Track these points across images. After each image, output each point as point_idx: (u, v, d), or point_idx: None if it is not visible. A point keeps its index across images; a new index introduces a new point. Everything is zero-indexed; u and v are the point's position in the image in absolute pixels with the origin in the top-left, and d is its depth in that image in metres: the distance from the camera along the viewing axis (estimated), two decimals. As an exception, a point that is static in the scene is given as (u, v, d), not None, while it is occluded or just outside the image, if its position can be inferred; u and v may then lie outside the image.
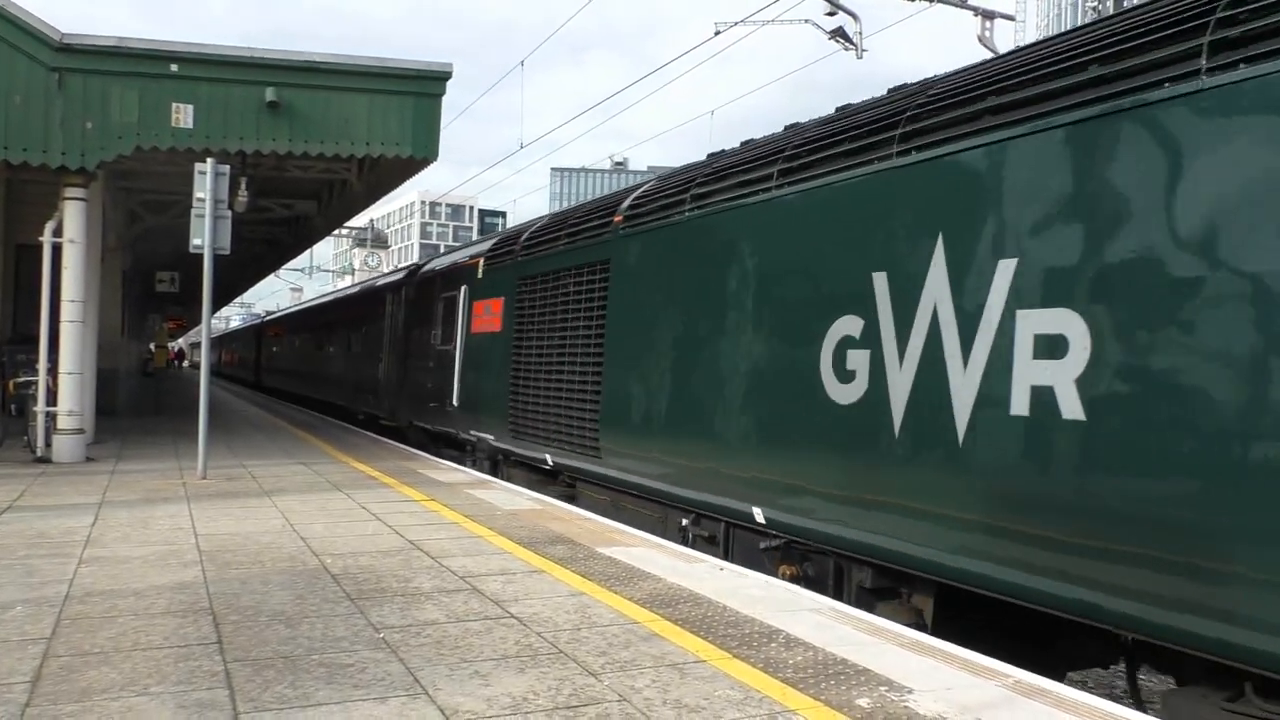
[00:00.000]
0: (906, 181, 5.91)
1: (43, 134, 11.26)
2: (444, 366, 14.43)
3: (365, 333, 21.13)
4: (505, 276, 12.31)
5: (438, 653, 4.54)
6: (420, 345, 15.94)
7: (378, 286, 20.65)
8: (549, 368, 10.72)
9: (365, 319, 21.28)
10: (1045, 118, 5.05)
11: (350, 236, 55.89)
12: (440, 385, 14.57)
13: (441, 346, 14.63)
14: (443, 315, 14.67)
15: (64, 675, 4.11)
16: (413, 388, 16.30)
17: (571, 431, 10.09)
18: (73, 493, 9.36)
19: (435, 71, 12.57)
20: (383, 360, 18.84)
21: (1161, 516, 4.18)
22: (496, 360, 12.19)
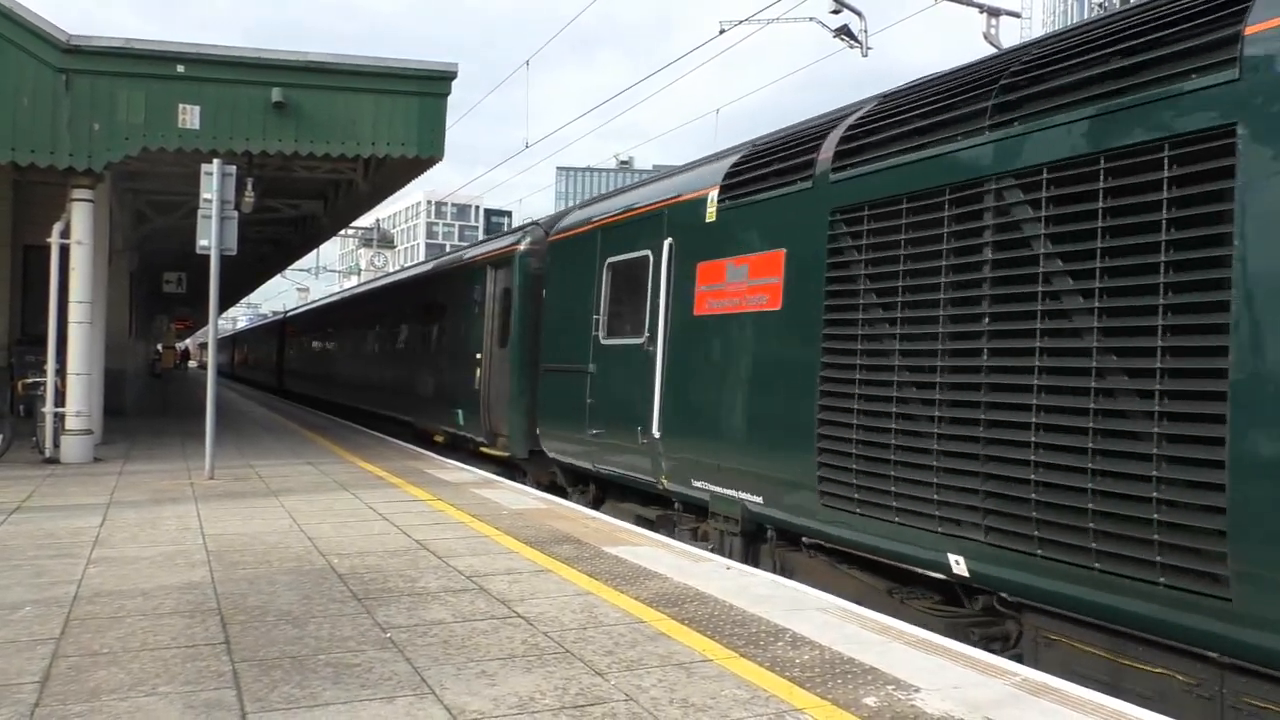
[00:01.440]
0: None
1: (50, 135, 11.30)
2: (621, 372, 9.48)
3: (444, 325, 15.98)
4: (789, 211, 7.25)
5: (444, 652, 4.54)
6: (561, 339, 11.01)
7: (468, 260, 15.22)
8: (963, 376, 5.55)
9: (443, 306, 16.18)
10: None
11: (356, 236, 56.05)
12: (613, 402, 9.64)
13: (614, 340, 9.79)
14: (611, 292, 9.95)
15: (73, 675, 4.12)
16: (552, 405, 11.15)
17: (1063, 518, 4.88)
18: (81, 493, 9.39)
19: (440, 71, 12.58)
20: (481, 363, 13.66)
21: None
22: (767, 361, 7.30)
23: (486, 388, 13.40)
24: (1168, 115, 4.55)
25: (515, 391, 12.34)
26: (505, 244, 13.50)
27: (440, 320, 16.41)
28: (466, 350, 14.48)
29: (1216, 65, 4.38)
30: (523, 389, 12.26)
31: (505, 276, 13.18)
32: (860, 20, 16.50)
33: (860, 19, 16.47)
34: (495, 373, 13.17)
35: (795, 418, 6.95)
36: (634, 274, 9.51)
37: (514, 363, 12.42)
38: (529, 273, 12.53)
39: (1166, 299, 4.47)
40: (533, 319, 12.30)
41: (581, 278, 10.60)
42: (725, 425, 7.82)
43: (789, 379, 7.08)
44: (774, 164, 7.64)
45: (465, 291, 14.97)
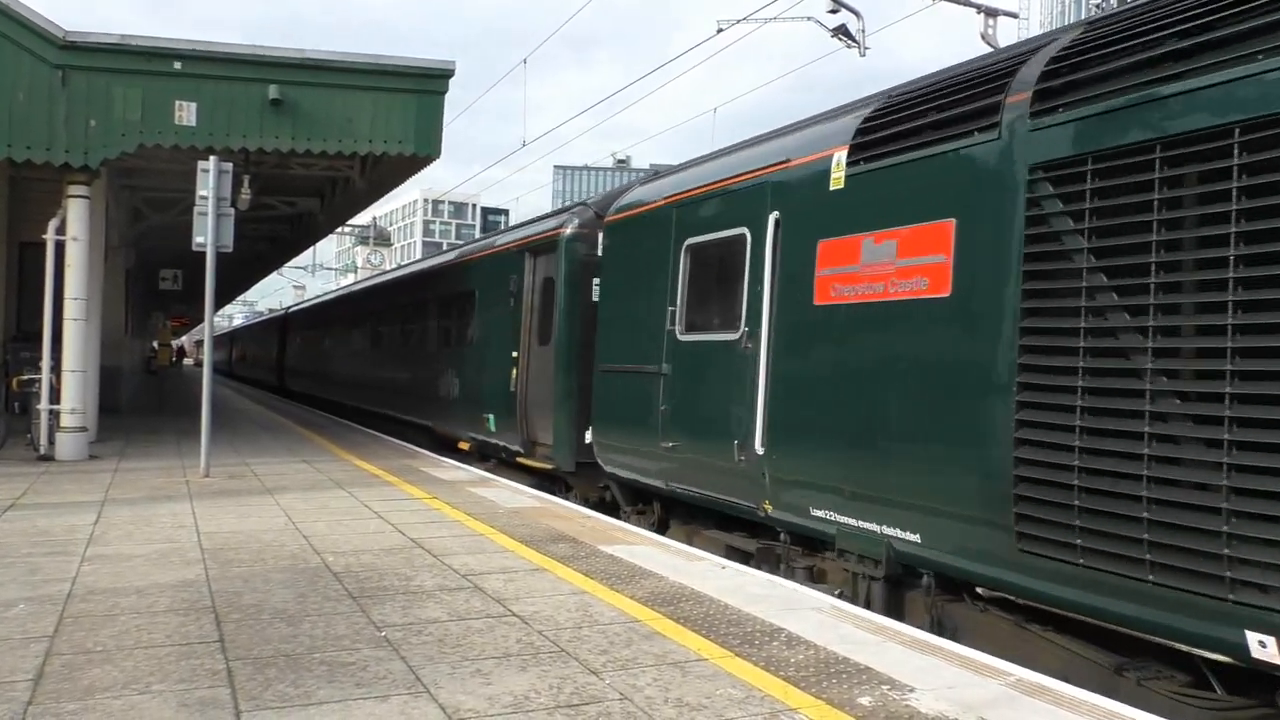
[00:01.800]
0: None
1: (46, 132, 11.27)
2: (707, 374, 8.06)
3: (473, 320, 14.35)
4: (960, 170, 5.76)
5: (439, 651, 4.54)
6: (622, 335, 9.54)
7: (501, 247, 13.58)
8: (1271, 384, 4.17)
9: (470, 299, 14.53)
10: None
11: (353, 234, 55.97)
12: (696, 410, 8.17)
13: (696, 336, 8.29)
14: (691, 279, 8.47)
15: (66, 673, 4.11)
16: (610, 412, 9.72)
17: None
18: (75, 491, 9.37)
19: (438, 69, 12.57)
20: (518, 362, 12.15)
21: None
22: (928, 359, 5.81)
23: (524, 390, 11.89)
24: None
25: (560, 395, 10.91)
26: (547, 228, 11.87)
27: (468, 315, 14.65)
28: (500, 348, 12.95)
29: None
30: (569, 393, 10.84)
31: (547, 265, 11.65)
32: (858, 20, 16.50)
33: (858, 19, 16.47)
34: (535, 374, 11.68)
35: (974, 432, 5.37)
36: (724, 257, 7.99)
37: (559, 363, 10.98)
38: (577, 260, 11.07)
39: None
40: (582, 313, 10.89)
41: (650, 263, 9.03)
42: (862, 441, 6.23)
43: (964, 382, 5.50)
44: (932, 113, 6.11)
45: (498, 282, 13.28)
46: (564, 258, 11.19)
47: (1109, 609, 4.67)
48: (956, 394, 5.57)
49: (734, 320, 7.72)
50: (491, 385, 13.19)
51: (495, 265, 13.68)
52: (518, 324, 12.33)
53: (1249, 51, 4.23)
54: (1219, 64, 4.34)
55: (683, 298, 8.52)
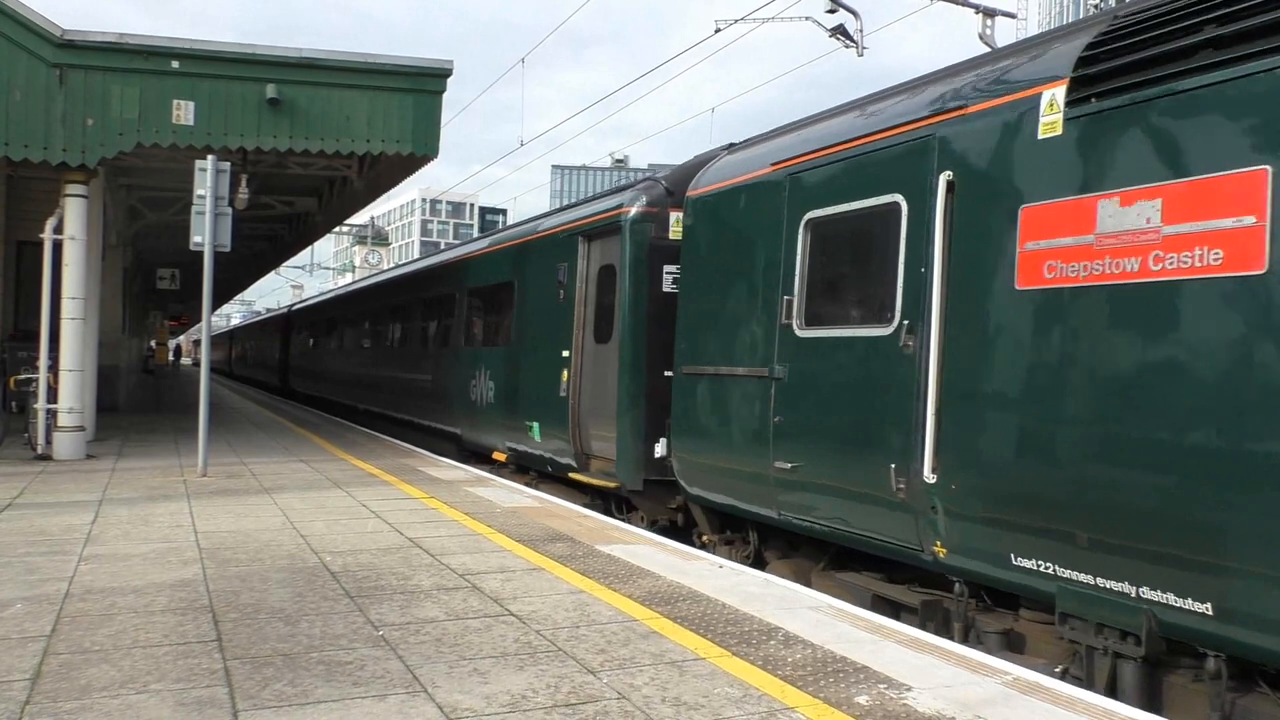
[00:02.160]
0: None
1: (44, 130, 11.26)
2: (842, 378, 6.61)
3: (511, 315, 12.81)
4: (1274, 101, 4.33)
5: (437, 650, 4.54)
6: (713, 331, 8.14)
7: (547, 232, 12.01)
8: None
9: (507, 292, 13.05)
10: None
11: (351, 234, 55.96)
12: (825, 423, 6.71)
13: (823, 331, 6.86)
14: (814, 261, 7.07)
15: (64, 673, 4.11)
16: (697, 423, 8.24)
17: None
18: (73, 490, 9.37)
19: (436, 69, 12.56)
20: (570, 363, 10.76)
21: None
22: (1229, 358, 4.38)
23: (577, 395, 10.52)
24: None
25: (625, 402, 9.50)
26: (606, 208, 10.37)
27: (504, 309, 13.11)
28: (546, 347, 11.47)
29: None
30: (635, 399, 9.46)
31: (606, 250, 10.30)
32: (856, 20, 16.51)
33: (856, 18, 16.48)
34: (591, 376, 10.34)
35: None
36: (864, 232, 6.55)
37: (623, 363, 9.59)
38: (643, 244, 9.67)
39: None
40: (651, 305, 9.58)
41: (751, 244, 7.66)
42: (1109, 469, 4.76)
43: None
44: (1223, 20, 4.61)
45: (543, 271, 11.79)
46: (628, 242, 9.78)
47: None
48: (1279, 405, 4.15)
49: (883, 311, 6.27)
50: (535, 389, 11.64)
51: (540, 252, 12.04)
52: (568, 319, 10.88)
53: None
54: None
55: (802, 285, 7.07)
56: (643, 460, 9.39)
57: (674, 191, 9.72)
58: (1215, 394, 4.36)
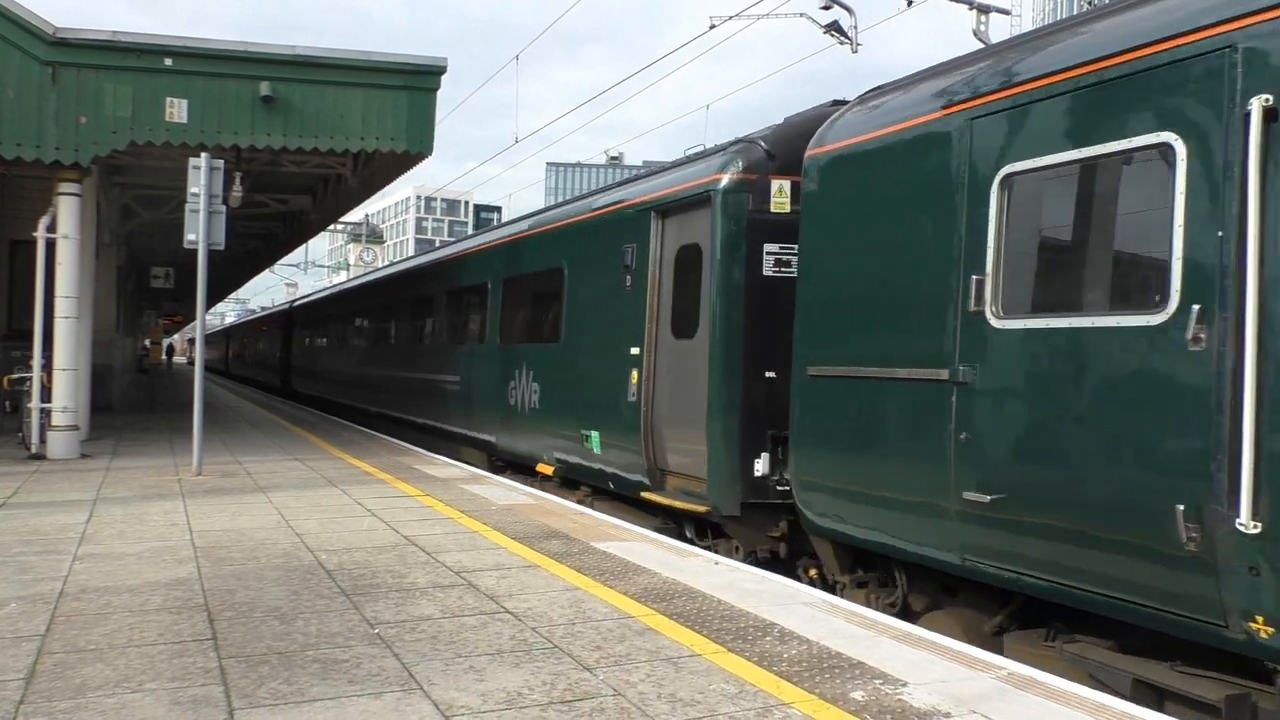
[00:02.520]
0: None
1: (36, 128, 11.22)
2: (1070, 386, 5.06)
3: (559, 307, 11.24)
4: None
5: (433, 648, 4.54)
6: (855, 322, 6.62)
7: (607, 209, 10.39)
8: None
9: (554, 281, 11.43)
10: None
11: (345, 232, 55.88)
12: (1042, 445, 5.16)
13: (1031, 322, 5.31)
14: (1013, 230, 5.59)
15: (58, 672, 4.11)
16: (831, 437, 6.75)
17: None
18: (67, 489, 9.35)
19: (430, 66, 12.54)
20: (641, 362, 9.24)
21: None
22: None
23: (650, 400, 9.04)
24: None
25: (716, 409, 8.01)
26: (688, 177, 8.80)
27: (552, 299, 11.48)
28: (608, 343, 9.92)
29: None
30: (730, 405, 7.97)
31: (689, 227, 8.76)
32: (850, 16, 16.51)
33: (850, 15, 16.48)
34: (669, 378, 8.85)
35: None
36: (1104, 188, 5.14)
37: (715, 363, 8.06)
38: (740, 218, 8.12)
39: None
40: (749, 292, 8.06)
41: (913, 210, 6.07)
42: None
43: None
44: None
45: (601, 256, 10.24)
46: (720, 216, 8.22)
47: None
48: None
49: (1146, 293, 4.78)
50: (594, 393, 10.11)
51: (599, 233, 10.42)
52: (637, 310, 9.36)
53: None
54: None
55: (999, 260, 5.53)
56: (739, 479, 7.91)
57: (775, 154, 8.22)
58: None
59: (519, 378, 12.10)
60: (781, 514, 7.92)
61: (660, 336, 9.14)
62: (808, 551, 7.63)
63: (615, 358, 9.70)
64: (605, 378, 9.88)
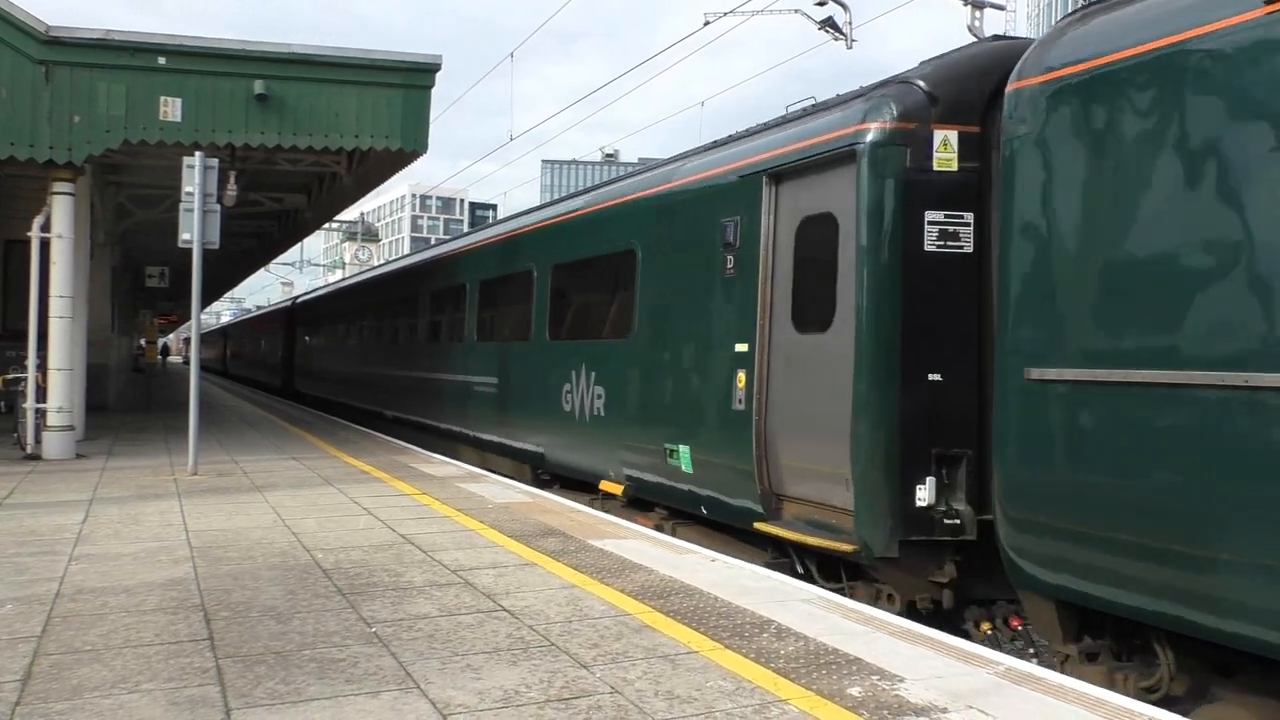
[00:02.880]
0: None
1: (30, 128, 11.19)
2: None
3: (633, 295, 9.53)
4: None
5: (430, 646, 4.54)
6: (1118, 307, 4.96)
7: (698, 176, 8.74)
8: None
9: (631, 263, 9.61)
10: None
11: (340, 230, 55.79)
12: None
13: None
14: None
15: (55, 673, 4.10)
16: (1087, 465, 5.02)
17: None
18: (63, 489, 9.33)
19: (424, 63, 12.52)
20: (752, 361, 7.66)
21: None
22: None
23: (764, 408, 7.40)
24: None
25: (866, 419, 6.43)
26: (815, 131, 7.19)
27: (618, 288, 9.85)
28: (701, 338, 8.30)
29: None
30: (884, 417, 6.38)
31: (821, 193, 7.10)
32: (845, 12, 16.52)
33: (845, 11, 16.49)
34: (790, 381, 7.22)
35: None
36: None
37: (863, 363, 6.47)
38: (895, 179, 6.46)
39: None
40: (908, 273, 6.45)
41: (1224, 148, 4.51)
42: None
43: None
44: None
45: (690, 233, 8.60)
46: (868, 178, 6.57)
47: None
48: None
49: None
50: (683, 398, 8.51)
51: (684, 207, 8.78)
52: (745, 298, 7.72)
53: None
54: None
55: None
56: (896, 511, 6.33)
57: (939, 97, 6.58)
58: None
59: (576, 380, 10.43)
60: (946, 553, 6.43)
61: (776, 330, 7.49)
62: (976, 599, 6.46)
63: (712, 356, 8.12)
64: (698, 380, 8.30)
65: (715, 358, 8.08)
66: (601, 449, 9.90)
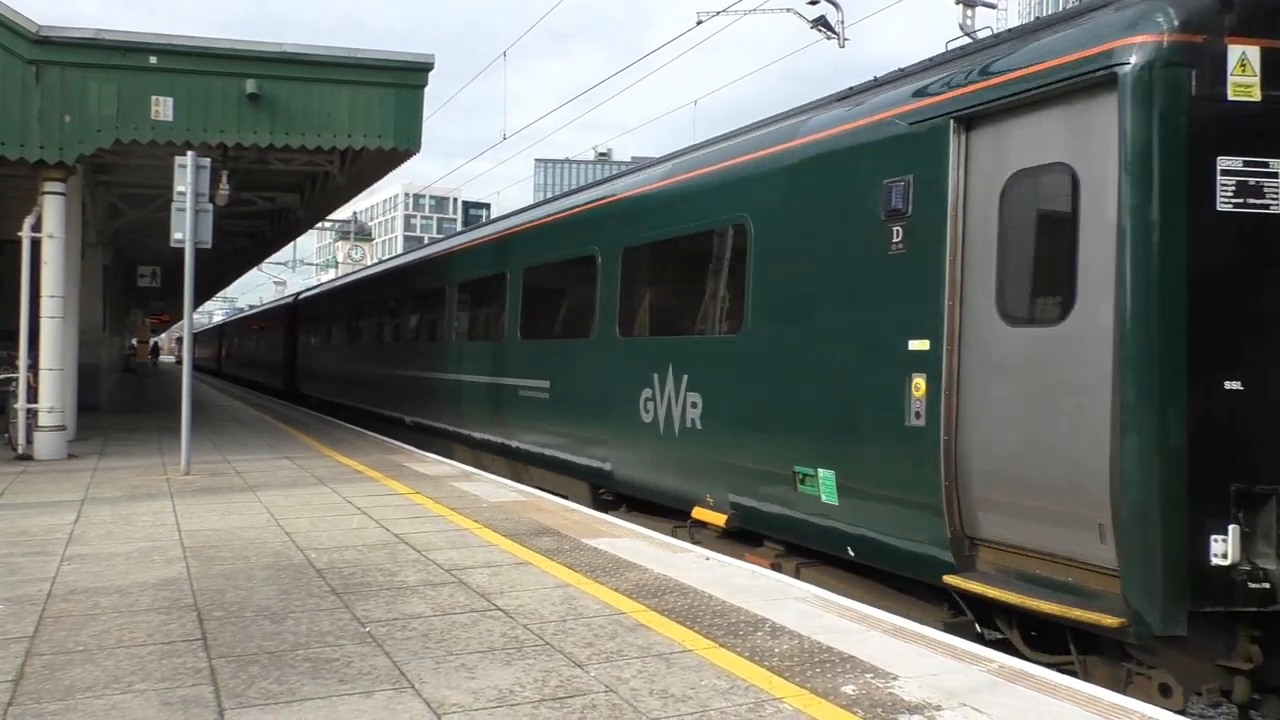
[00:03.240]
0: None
1: (20, 127, 11.14)
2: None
3: (744, 280, 7.74)
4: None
5: (424, 646, 4.53)
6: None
7: (839, 129, 7.00)
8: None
9: (741, 241, 7.88)
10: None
11: (334, 229, 55.67)
12: None
13: None
14: None
15: (47, 674, 4.08)
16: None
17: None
18: (55, 490, 9.30)
19: (417, 62, 12.50)
20: (939, 362, 5.88)
21: None
22: None
23: (953, 423, 5.75)
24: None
25: (1136, 440, 4.79)
26: (1041, 54, 5.47)
27: (720, 273, 8.09)
28: (852, 332, 6.58)
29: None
30: (1164, 437, 4.78)
31: (1048, 136, 5.45)
32: (837, 11, 16.53)
33: (837, 10, 16.50)
34: (998, 388, 5.55)
35: None
36: None
37: (1128, 365, 4.83)
38: (1175, 113, 4.84)
39: None
40: (1197, 243, 4.87)
41: None
42: None
43: None
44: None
45: (824, 201, 6.93)
46: (1136, 113, 4.89)
47: None
48: None
49: None
50: (824, 409, 6.75)
51: (820, 168, 7.03)
52: (924, 281, 6.01)
53: None
54: None
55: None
56: (1185, 572, 4.68)
57: (1235, 1, 4.95)
58: None
59: (660, 384, 8.70)
60: (1243, 627, 4.85)
61: (973, 323, 5.79)
62: (1274, 687, 4.96)
63: (871, 357, 6.36)
64: (848, 388, 6.54)
65: (876, 359, 6.30)
66: (695, 469, 8.20)
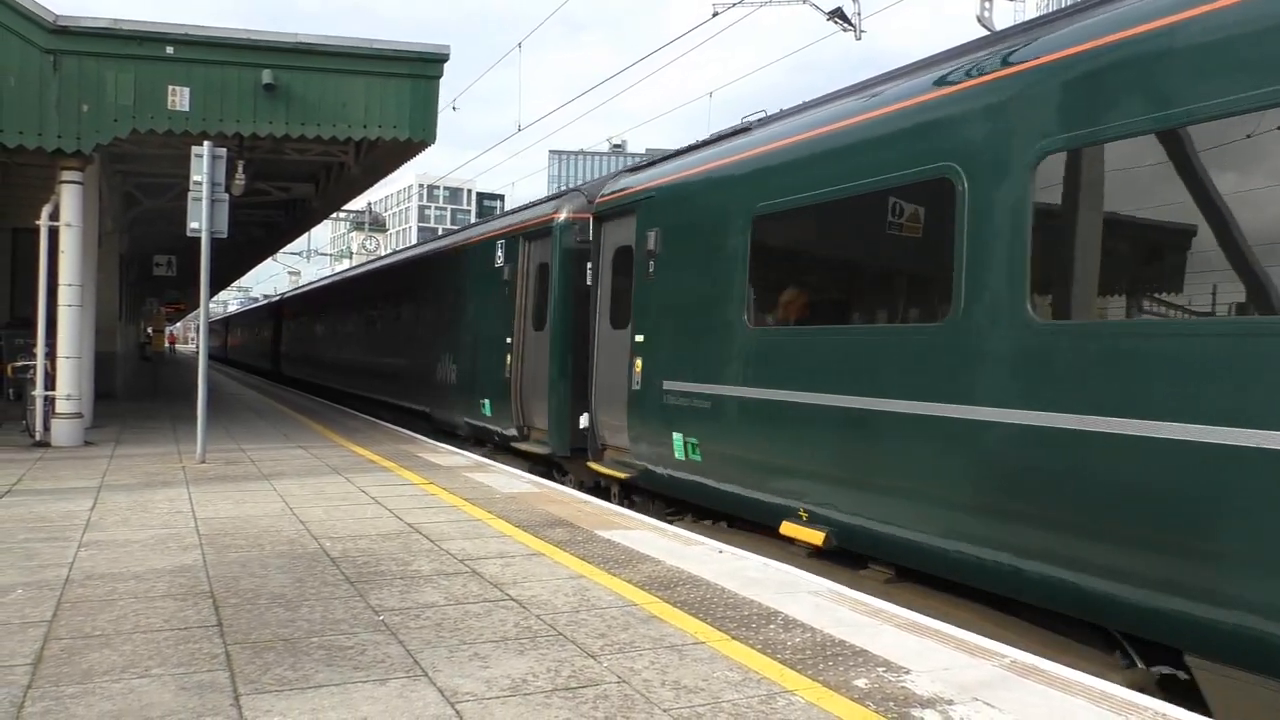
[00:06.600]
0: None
1: (38, 117, 11.21)
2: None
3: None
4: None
5: (437, 635, 4.56)
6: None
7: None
8: None
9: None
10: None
11: (348, 220, 55.82)
12: None
13: None
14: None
15: (65, 657, 4.12)
16: None
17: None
18: (72, 477, 9.37)
19: (432, 54, 12.51)
20: None
21: None
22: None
23: None
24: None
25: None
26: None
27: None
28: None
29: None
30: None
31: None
32: (854, 3, 16.44)
33: (854, 1, 16.41)
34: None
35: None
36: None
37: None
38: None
39: None
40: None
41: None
42: None
43: None
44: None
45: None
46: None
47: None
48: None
49: None
50: None
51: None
52: None
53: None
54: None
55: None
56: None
57: None
58: None
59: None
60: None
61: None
62: None
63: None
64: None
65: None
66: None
